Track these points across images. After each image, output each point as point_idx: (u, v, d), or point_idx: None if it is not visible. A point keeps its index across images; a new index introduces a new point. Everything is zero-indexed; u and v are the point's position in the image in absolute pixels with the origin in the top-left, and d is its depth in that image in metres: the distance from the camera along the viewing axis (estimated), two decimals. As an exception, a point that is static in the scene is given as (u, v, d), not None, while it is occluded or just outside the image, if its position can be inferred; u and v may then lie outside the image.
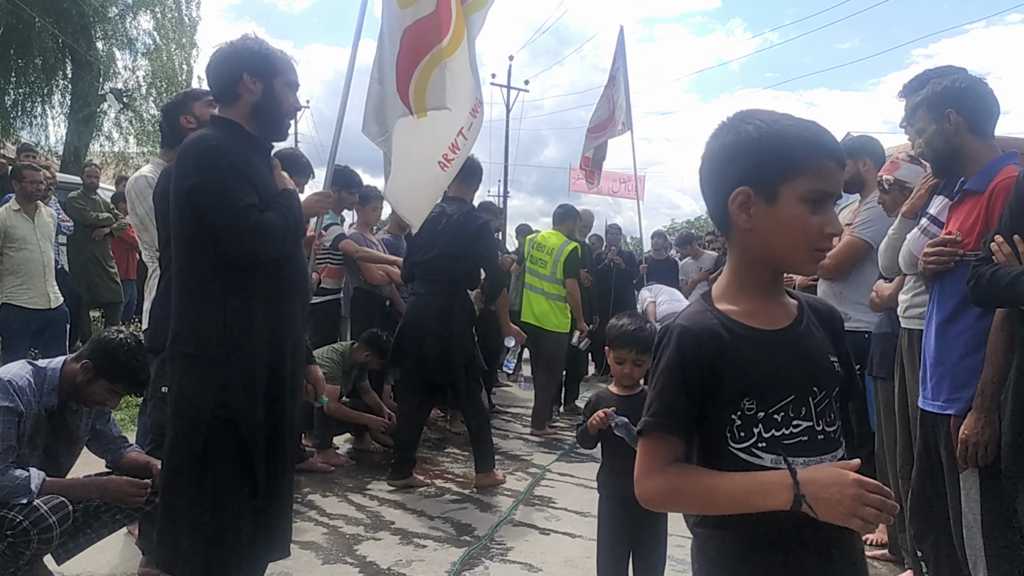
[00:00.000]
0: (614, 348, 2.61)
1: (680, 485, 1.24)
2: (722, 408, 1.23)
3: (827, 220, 1.23)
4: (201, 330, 2.30)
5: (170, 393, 2.37)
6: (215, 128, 2.43)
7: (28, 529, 2.51)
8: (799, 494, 1.13)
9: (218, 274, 2.29)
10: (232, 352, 2.29)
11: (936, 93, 2.47)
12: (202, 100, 3.34)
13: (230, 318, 2.29)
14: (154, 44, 18.97)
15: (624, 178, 10.76)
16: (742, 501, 1.18)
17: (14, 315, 5.51)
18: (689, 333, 1.25)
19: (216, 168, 2.27)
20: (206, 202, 2.25)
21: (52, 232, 5.86)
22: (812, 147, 1.22)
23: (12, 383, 2.62)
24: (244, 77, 2.39)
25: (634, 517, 2.53)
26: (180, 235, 2.36)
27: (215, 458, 2.29)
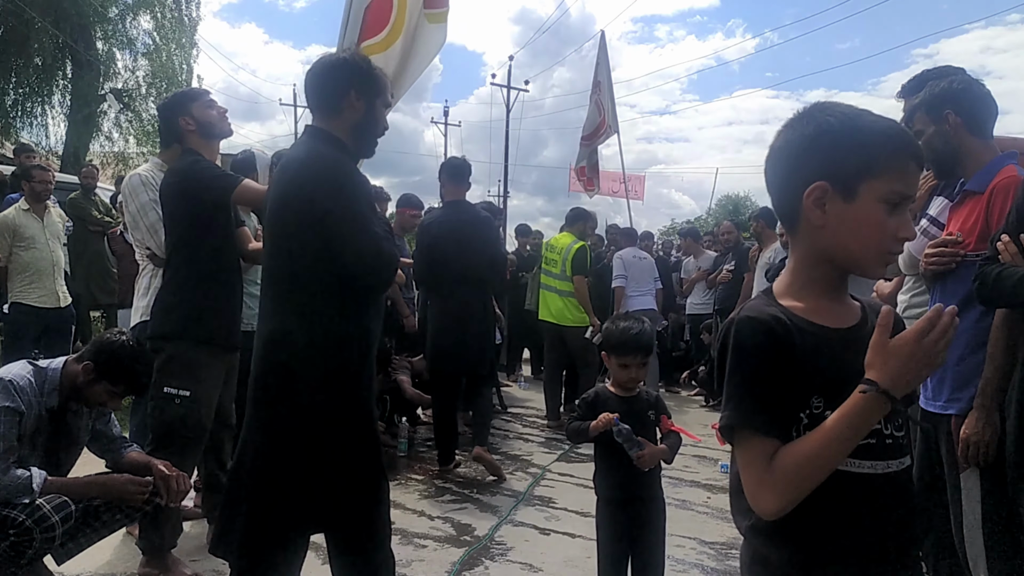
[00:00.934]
0: (618, 354, 2.60)
1: (796, 470, 1.12)
2: (791, 405, 1.17)
3: (902, 223, 1.18)
4: (315, 344, 2.24)
5: (276, 401, 2.26)
6: (328, 145, 2.34)
7: (31, 528, 2.51)
8: (887, 395, 1.09)
9: (333, 293, 2.25)
10: (342, 368, 2.27)
11: (934, 95, 2.46)
12: (200, 101, 3.34)
13: (347, 337, 2.27)
14: (154, 44, 18.98)
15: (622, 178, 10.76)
16: (850, 437, 1.11)
17: (23, 314, 5.53)
18: (759, 323, 1.18)
19: (356, 197, 2.26)
20: (344, 230, 2.21)
21: (61, 232, 5.89)
22: (897, 147, 1.17)
23: (13, 383, 2.62)
24: (351, 93, 2.35)
25: (631, 518, 2.53)
26: (287, 251, 2.27)
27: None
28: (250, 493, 2.25)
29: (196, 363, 3.10)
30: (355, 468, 2.30)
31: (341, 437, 2.27)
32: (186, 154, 3.30)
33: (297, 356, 2.23)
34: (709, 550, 3.64)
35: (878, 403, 1.10)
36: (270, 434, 2.26)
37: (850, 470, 1.16)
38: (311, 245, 2.22)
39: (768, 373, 1.16)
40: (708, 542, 3.74)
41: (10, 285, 5.55)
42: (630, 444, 2.47)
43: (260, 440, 2.28)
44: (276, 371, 2.26)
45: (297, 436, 2.23)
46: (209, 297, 3.15)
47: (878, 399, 1.09)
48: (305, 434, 2.23)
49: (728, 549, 3.66)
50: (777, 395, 1.16)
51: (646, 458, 2.48)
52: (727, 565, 3.48)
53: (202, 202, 3.14)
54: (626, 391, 2.64)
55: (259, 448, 2.27)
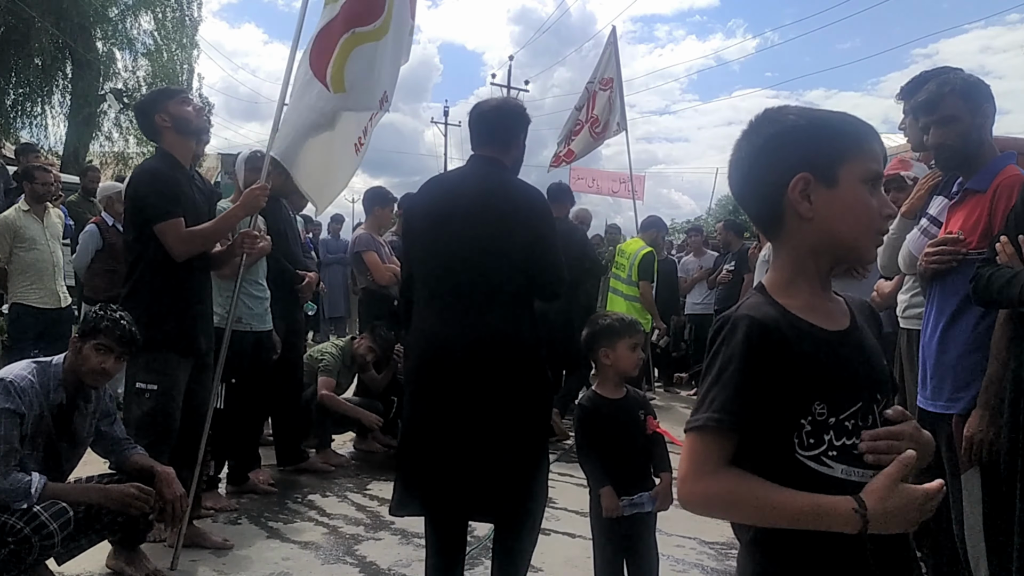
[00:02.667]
0: (626, 336, 2.61)
1: (737, 493, 1.13)
2: (791, 411, 1.14)
3: (883, 201, 1.21)
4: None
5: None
6: (514, 176, 2.78)
7: (29, 536, 2.52)
8: (865, 526, 1.08)
9: (527, 301, 2.66)
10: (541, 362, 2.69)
11: (972, 85, 2.40)
12: (176, 99, 3.40)
13: (539, 335, 2.68)
14: (155, 44, 18.98)
15: (624, 178, 10.74)
16: (803, 523, 1.11)
17: (24, 314, 5.54)
18: (756, 323, 1.16)
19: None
20: (550, 250, 2.62)
21: (60, 233, 5.89)
22: (858, 130, 1.21)
23: (14, 384, 2.62)
24: (521, 135, 2.79)
25: (627, 518, 2.54)
26: (492, 266, 2.55)
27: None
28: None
29: (163, 360, 3.19)
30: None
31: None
32: (153, 157, 3.39)
33: (520, 354, 2.55)
34: (709, 550, 3.64)
35: (854, 524, 1.09)
36: (505, 423, 2.50)
37: (852, 479, 1.14)
38: (517, 260, 2.55)
39: (756, 377, 1.14)
40: (708, 542, 3.74)
41: (10, 286, 5.56)
42: (641, 505, 2.53)
43: (490, 427, 2.50)
44: (501, 368, 2.51)
45: (530, 422, 2.58)
46: (168, 304, 3.23)
47: (857, 521, 1.09)
48: (540, 422, 2.66)
49: (728, 549, 3.66)
50: (761, 401, 1.13)
51: (662, 505, 2.57)
52: (727, 565, 3.48)
53: (143, 216, 3.24)
54: (616, 390, 2.64)
55: (486, 434, 2.50)
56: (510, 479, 2.50)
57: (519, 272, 2.55)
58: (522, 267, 2.55)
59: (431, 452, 2.53)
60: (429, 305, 2.63)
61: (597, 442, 2.59)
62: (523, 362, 2.55)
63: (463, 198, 2.63)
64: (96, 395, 2.93)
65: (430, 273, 2.65)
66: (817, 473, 1.14)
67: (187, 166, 3.42)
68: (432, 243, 2.63)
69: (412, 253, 2.81)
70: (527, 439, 2.56)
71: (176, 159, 3.36)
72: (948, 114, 2.40)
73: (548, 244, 2.61)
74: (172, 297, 3.25)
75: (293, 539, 3.63)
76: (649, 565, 2.60)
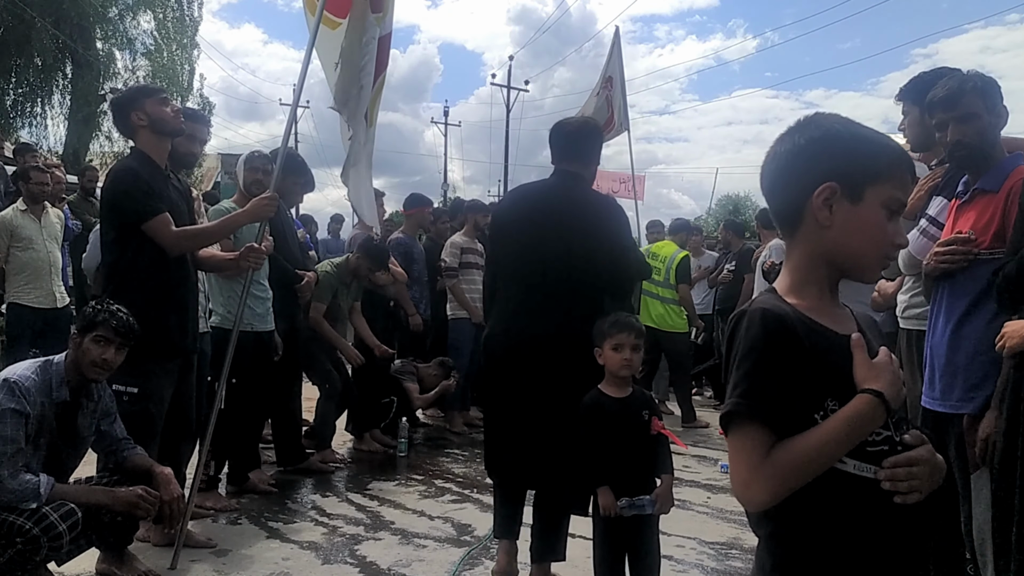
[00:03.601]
0: (610, 336, 2.62)
1: (793, 463, 1.13)
2: (806, 405, 1.16)
3: (898, 231, 1.23)
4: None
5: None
6: (590, 187, 3.26)
7: (38, 536, 2.52)
8: (889, 405, 1.15)
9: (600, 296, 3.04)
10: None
11: (989, 84, 2.39)
12: (154, 98, 3.36)
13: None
14: (154, 44, 18.98)
15: (624, 178, 10.72)
16: (846, 440, 1.14)
17: (20, 314, 5.54)
18: (772, 315, 1.19)
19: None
20: (630, 248, 3.20)
21: (59, 233, 5.88)
22: (897, 157, 1.23)
23: (18, 384, 2.63)
24: (597, 154, 3.24)
25: (628, 518, 2.54)
26: (576, 266, 2.93)
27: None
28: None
29: (144, 361, 3.12)
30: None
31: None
32: (128, 157, 3.36)
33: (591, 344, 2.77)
34: (709, 550, 3.64)
35: (880, 410, 1.14)
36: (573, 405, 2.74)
37: (865, 475, 1.16)
38: (600, 263, 2.95)
39: (778, 364, 1.16)
40: (708, 542, 3.74)
41: (7, 286, 5.56)
42: (642, 507, 2.53)
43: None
44: (580, 356, 2.76)
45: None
46: (151, 305, 3.17)
47: (880, 407, 1.14)
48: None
49: (728, 549, 3.66)
50: (785, 388, 1.15)
51: (662, 508, 2.57)
52: (727, 565, 3.48)
53: (126, 217, 3.22)
54: (620, 390, 2.63)
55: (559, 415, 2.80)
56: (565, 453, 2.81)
57: (600, 274, 2.96)
58: (603, 269, 2.96)
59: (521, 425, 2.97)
60: (519, 300, 3.01)
61: (598, 440, 2.59)
62: (591, 351, 2.79)
63: (552, 207, 3.02)
64: (98, 393, 2.93)
65: (520, 272, 3.03)
66: (830, 468, 1.16)
67: (163, 166, 3.37)
68: (524, 246, 3.01)
69: (502, 254, 3.18)
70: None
71: (151, 159, 3.32)
72: (969, 111, 2.37)
73: (627, 249, 3.12)
74: (154, 300, 3.20)
75: (293, 539, 3.63)
76: (650, 565, 2.59)
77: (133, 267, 3.21)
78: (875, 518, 1.17)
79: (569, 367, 2.82)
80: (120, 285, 3.22)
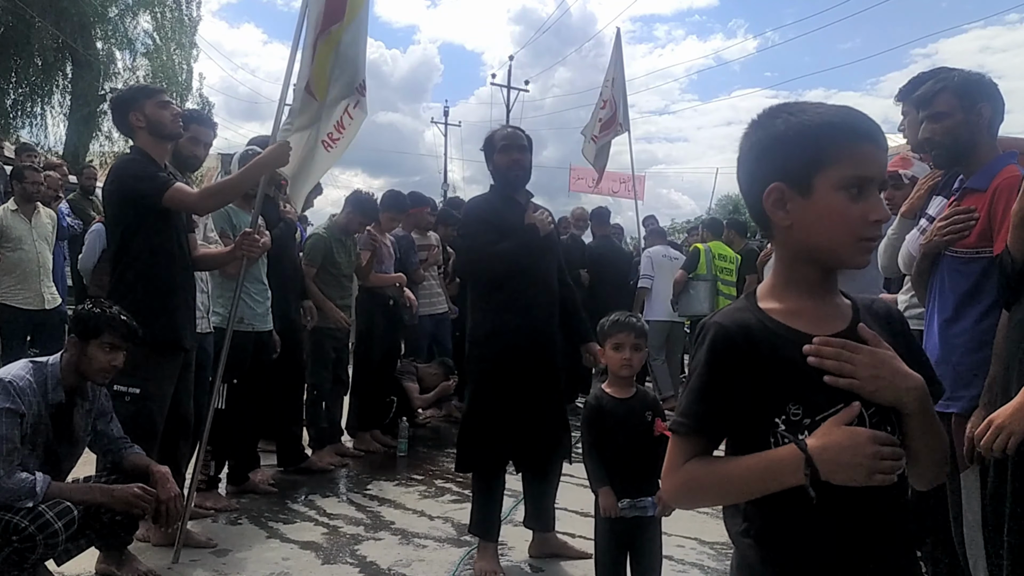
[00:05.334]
0: (611, 336, 2.61)
1: (697, 479, 1.20)
2: (766, 411, 1.17)
3: (871, 207, 1.16)
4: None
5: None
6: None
7: (34, 535, 2.51)
8: (812, 467, 1.09)
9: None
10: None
11: (969, 81, 2.40)
12: (155, 100, 3.35)
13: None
14: (154, 44, 18.97)
15: (624, 178, 10.74)
16: (757, 484, 1.15)
17: (9, 315, 5.52)
18: (722, 330, 1.20)
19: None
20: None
21: (50, 233, 5.86)
22: (842, 133, 1.16)
23: (13, 384, 2.62)
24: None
25: (630, 519, 2.53)
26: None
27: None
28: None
29: (145, 361, 3.10)
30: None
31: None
32: (129, 153, 3.34)
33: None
34: (709, 550, 3.64)
35: (796, 465, 1.10)
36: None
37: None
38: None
39: (719, 384, 1.19)
40: (708, 542, 3.74)
41: None
42: (644, 509, 2.52)
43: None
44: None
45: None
46: (153, 300, 3.18)
47: (798, 462, 1.10)
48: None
49: (728, 549, 3.64)
50: (727, 405, 1.18)
51: (665, 510, 2.56)
52: (727, 565, 3.46)
53: (134, 204, 3.19)
54: (623, 391, 2.63)
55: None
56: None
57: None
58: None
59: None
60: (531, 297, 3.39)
61: (600, 440, 2.58)
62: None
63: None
64: (92, 393, 2.92)
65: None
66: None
67: (162, 165, 3.36)
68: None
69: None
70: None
71: (151, 157, 3.31)
72: (940, 110, 2.42)
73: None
74: (156, 294, 3.19)
75: (293, 539, 3.63)
76: (651, 566, 2.59)
77: (137, 260, 3.20)
78: (840, 522, 1.15)
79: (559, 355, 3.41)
80: (123, 278, 3.22)
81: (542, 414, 3.31)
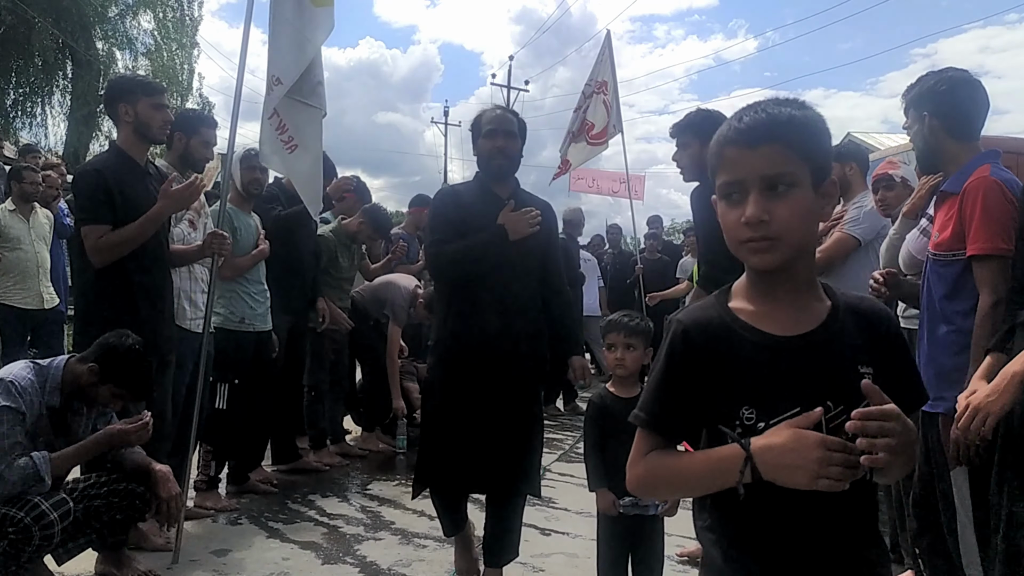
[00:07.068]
0: (605, 336, 2.65)
1: (653, 471, 1.23)
2: (720, 413, 1.16)
3: (743, 209, 1.14)
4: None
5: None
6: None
7: (30, 526, 2.50)
8: (753, 466, 1.08)
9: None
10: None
11: (919, 93, 2.51)
12: (151, 99, 3.34)
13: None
14: (154, 44, 18.98)
15: (624, 178, 10.75)
16: (706, 480, 1.16)
17: (7, 315, 5.53)
18: (682, 329, 1.21)
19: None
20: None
21: (48, 233, 5.88)
22: (716, 142, 1.19)
23: (15, 383, 2.62)
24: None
25: (632, 517, 2.53)
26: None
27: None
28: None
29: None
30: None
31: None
32: (106, 153, 3.37)
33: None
34: (709, 550, 3.63)
35: (737, 462, 1.10)
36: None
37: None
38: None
39: (676, 380, 1.20)
40: (708, 542, 3.73)
41: None
42: (645, 508, 2.52)
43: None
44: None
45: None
46: (121, 306, 3.17)
47: (740, 459, 1.10)
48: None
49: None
50: (679, 401, 1.20)
51: (668, 511, 2.55)
52: (727, 565, 3.47)
53: (77, 215, 3.23)
54: (626, 390, 2.63)
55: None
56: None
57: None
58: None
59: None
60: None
61: (603, 439, 2.58)
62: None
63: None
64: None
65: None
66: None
67: (141, 163, 3.35)
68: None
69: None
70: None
71: (129, 156, 3.30)
72: (907, 121, 2.58)
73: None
74: (126, 297, 3.19)
75: (293, 539, 3.62)
76: (653, 566, 2.59)
77: (101, 273, 3.20)
78: (789, 521, 1.15)
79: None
80: (88, 280, 3.23)
81: (499, 437, 2.87)
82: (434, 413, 3.02)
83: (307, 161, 3.84)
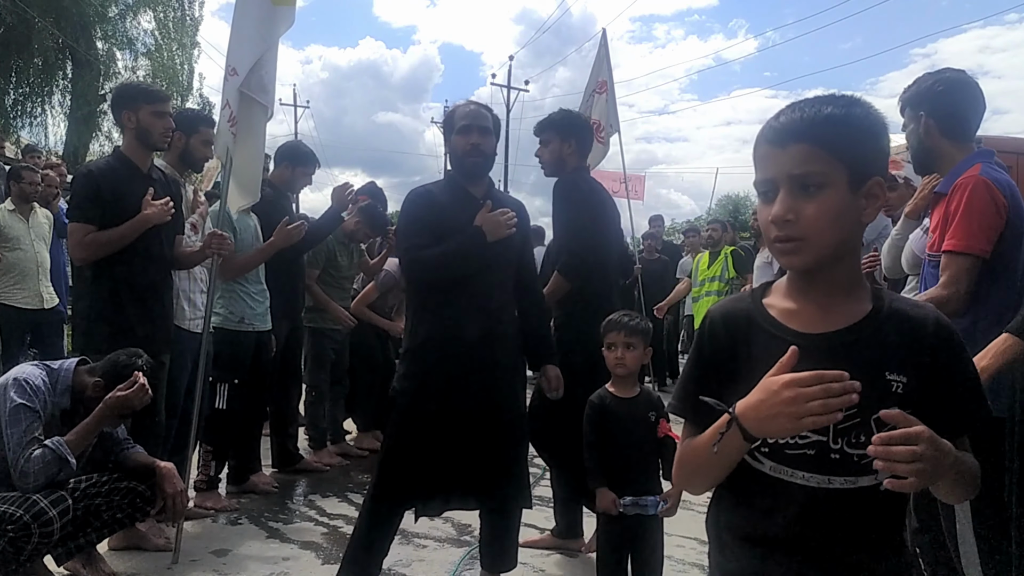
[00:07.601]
0: (604, 335, 2.65)
1: (681, 457, 1.27)
2: (737, 402, 1.14)
3: (773, 208, 1.14)
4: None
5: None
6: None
7: (29, 523, 2.50)
8: (742, 427, 1.09)
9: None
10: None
11: (916, 93, 2.51)
12: (154, 108, 3.38)
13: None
14: (154, 44, 18.98)
15: (623, 178, 10.74)
16: (713, 455, 1.16)
17: (7, 315, 5.53)
18: (710, 320, 1.26)
19: None
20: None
21: (47, 233, 5.88)
22: (756, 139, 1.19)
23: (29, 383, 2.64)
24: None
25: (632, 517, 2.53)
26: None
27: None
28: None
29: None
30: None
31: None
32: (107, 157, 3.41)
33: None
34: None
35: (734, 432, 1.11)
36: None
37: (782, 478, 1.16)
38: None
39: (705, 368, 1.24)
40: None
41: None
42: (645, 508, 2.51)
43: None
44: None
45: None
46: (125, 312, 3.20)
47: (735, 429, 1.11)
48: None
49: (729, 549, 3.64)
50: (705, 389, 1.20)
51: (669, 511, 2.53)
52: (728, 565, 3.46)
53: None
54: (627, 389, 2.63)
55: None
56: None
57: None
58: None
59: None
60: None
61: (603, 439, 2.58)
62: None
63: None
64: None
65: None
66: (749, 467, 1.19)
67: (144, 168, 3.39)
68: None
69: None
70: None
71: (132, 161, 3.35)
72: (905, 123, 2.58)
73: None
74: (125, 297, 3.22)
75: (293, 539, 3.62)
76: (653, 566, 2.58)
77: (106, 260, 3.23)
78: (788, 519, 1.15)
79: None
80: (88, 279, 3.26)
81: (484, 449, 2.71)
82: (405, 425, 2.74)
83: (245, 156, 3.81)
